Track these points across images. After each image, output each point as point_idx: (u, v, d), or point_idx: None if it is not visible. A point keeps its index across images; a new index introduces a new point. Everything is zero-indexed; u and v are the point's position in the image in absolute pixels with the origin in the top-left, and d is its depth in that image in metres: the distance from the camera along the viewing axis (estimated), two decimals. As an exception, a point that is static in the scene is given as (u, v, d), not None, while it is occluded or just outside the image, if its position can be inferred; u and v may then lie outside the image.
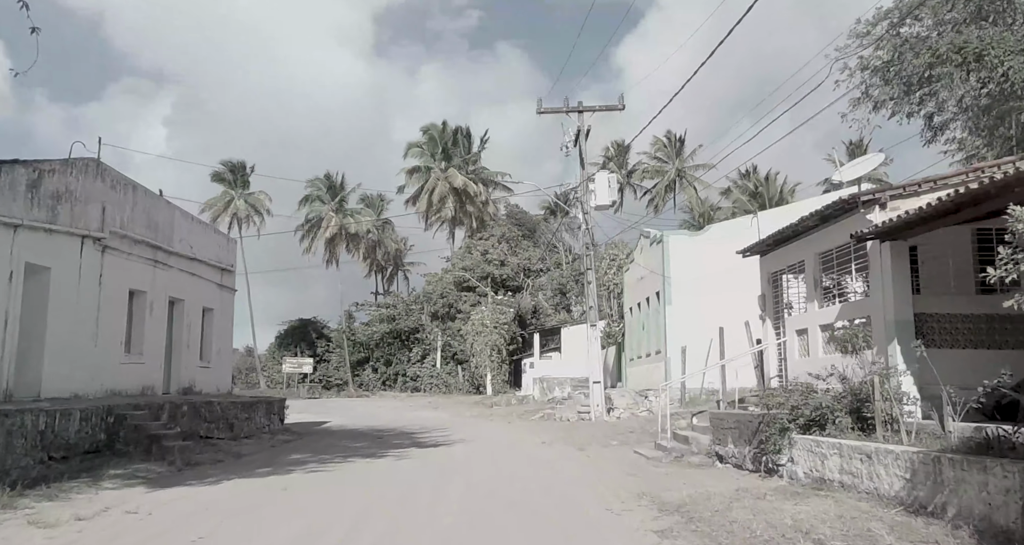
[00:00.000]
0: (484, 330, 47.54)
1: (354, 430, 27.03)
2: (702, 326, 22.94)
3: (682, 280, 23.39)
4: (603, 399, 24.89)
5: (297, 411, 39.55)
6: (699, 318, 23.06)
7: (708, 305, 23.07)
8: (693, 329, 23.01)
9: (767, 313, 15.79)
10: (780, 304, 15.62)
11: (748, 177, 60.13)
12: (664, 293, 23.57)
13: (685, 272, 23.27)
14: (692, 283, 23.28)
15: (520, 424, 26.77)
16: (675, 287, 23.37)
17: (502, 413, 33.56)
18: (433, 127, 59.28)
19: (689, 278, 23.27)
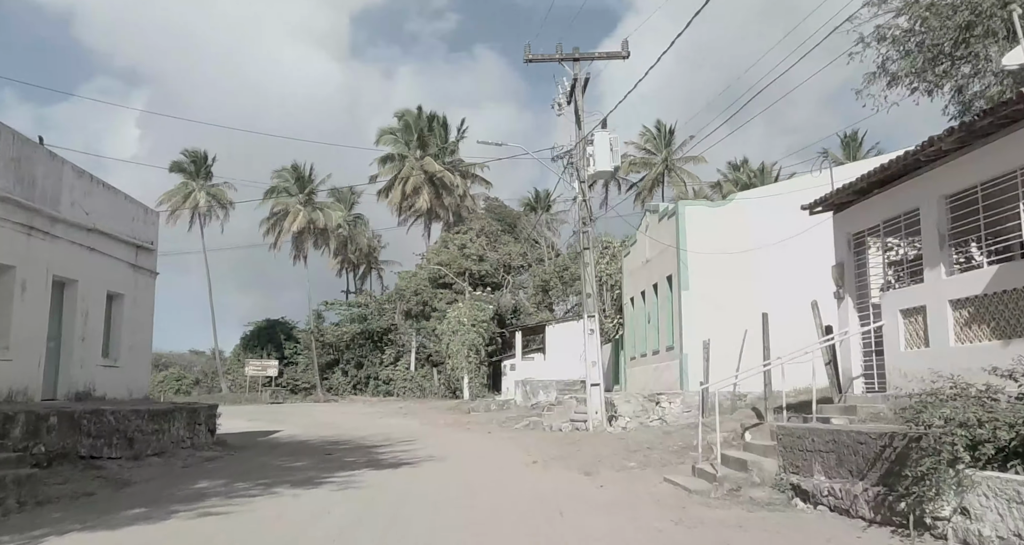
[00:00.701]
0: (461, 328, 42.69)
1: (303, 442, 22.23)
2: (728, 315, 18.37)
3: (701, 260, 18.80)
4: (603, 405, 20.20)
5: (248, 418, 34.62)
6: (723, 306, 18.50)
7: (735, 290, 18.54)
8: (716, 319, 18.42)
9: (846, 289, 11.20)
10: (867, 276, 11.01)
11: (740, 170, 55.95)
12: (679, 277, 18.96)
13: (705, 251, 18.67)
14: (714, 263, 18.71)
15: (502, 435, 22.03)
16: (693, 269, 18.77)
17: (481, 421, 28.77)
18: (408, 113, 54.34)
19: (710, 258, 18.69)
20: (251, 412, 39.12)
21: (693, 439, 14.90)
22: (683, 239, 18.79)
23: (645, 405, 18.94)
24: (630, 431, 18.22)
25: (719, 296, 18.59)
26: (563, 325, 38.80)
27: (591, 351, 20.63)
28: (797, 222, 17.70)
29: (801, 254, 18.17)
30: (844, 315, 11.36)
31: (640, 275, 23.19)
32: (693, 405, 18.50)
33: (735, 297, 18.50)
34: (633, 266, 24.14)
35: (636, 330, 23.87)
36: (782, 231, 17.92)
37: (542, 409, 29.51)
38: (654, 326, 21.69)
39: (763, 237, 18.03)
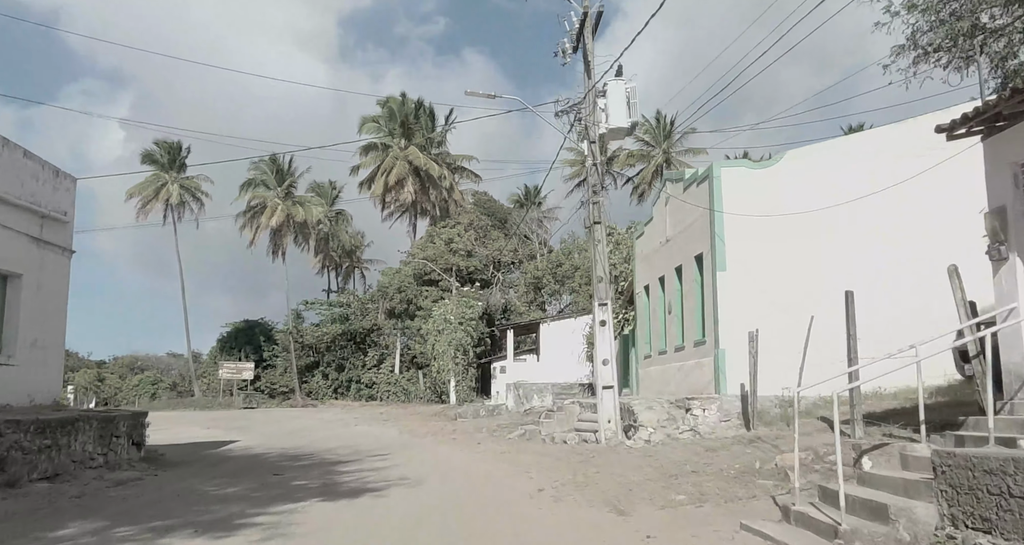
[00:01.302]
0: (448, 327, 38.66)
1: (256, 457, 18.25)
2: (775, 300, 14.52)
3: (742, 234, 14.93)
4: (618, 412, 16.29)
5: (207, 426, 30.53)
6: (769, 289, 14.64)
7: (784, 269, 14.71)
8: (760, 305, 14.57)
9: (1010, 246, 7.38)
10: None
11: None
12: (713, 255, 15.06)
13: (746, 222, 14.81)
14: (758, 237, 14.85)
15: (493, 447, 18.08)
16: (731, 245, 14.88)
17: (468, 429, 24.79)
18: (392, 99, 50.23)
19: (753, 230, 14.83)
20: (215, 419, 34.95)
21: (752, 460, 10.99)
22: (718, 209, 14.90)
23: (672, 412, 15.00)
24: (656, 446, 14.27)
25: (764, 277, 14.71)
26: (558, 323, 34.91)
27: (603, 346, 16.71)
28: (868, 181, 13.92)
29: (877, 218, 14.40)
30: (1007, 285, 7.50)
31: (657, 259, 19.28)
32: (732, 412, 14.60)
33: (785, 277, 14.64)
34: (648, 249, 20.22)
35: (652, 323, 19.96)
36: (846, 193, 14.09)
37: (538, 416, 25.54)
38: (676, 318, 17.78)
39: (820, 203, 14.18)
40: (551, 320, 35.54)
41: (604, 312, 16.72)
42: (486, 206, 53.79)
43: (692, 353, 16.55)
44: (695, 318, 16.42)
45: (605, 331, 16.71)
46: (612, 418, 16.46)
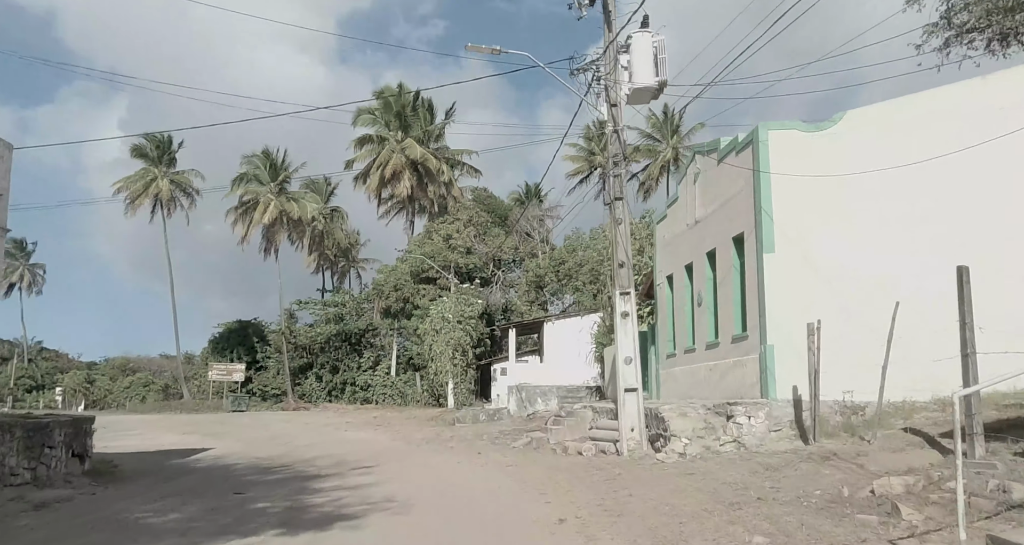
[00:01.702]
0: (446, 326, 36.06)
1: (225, 468, 15.79)
2: (834, 287, 12.00)
3: (794, 208, 12.43)
4: (642, 419, 13.78)
5: (183, 431, 27.93)
6: (826, 272, 12.11)
7: (846, 248, 12.18)
8: (816, 293, 12.07)
9: None
10: None
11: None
12: (758, 234, 12.54)
13: (800, 193, 12.32)
14: (814, 211, 12.36)
15: (497, 458, 15.56)
16: (781, 221, 12.37)
17: (467, 436, 22.26)
18: (388, 90, 47.65)
19: (808, 203, 12.34)
20: (197, 423, 32.40)
21: (835, 484, 8.46)
22: (764, 180, 12.39)
23: (709, 420, 12.47)
24: (694, 461, 11.73)
25: (821, 258, 12.20)
26: (563, 322, 32.39)
27: (625, 342, 14.19)
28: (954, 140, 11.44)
29: (975, 180, 11.92)
30: None
31: (683, 244, 16.75)
32: (783, 420, 12.07)
33: (847, 258, 12.14)
34: (671, 234, 17.68)
35: (677, 318, 17.41)
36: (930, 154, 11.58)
37: (544, 421, 23.03)
38: (708, 310, 15.25)
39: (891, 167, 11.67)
40: (555, 319, 33.01)
41: (627, 302, 14.20)
42: (486, 202, 51.24)
43: (729, 350, 14.03)
44: (733, 310, 13.91)
45: (628, 324, 14.19)
46: (636, 426, 13.95)
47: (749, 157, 12.94)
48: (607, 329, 27.09)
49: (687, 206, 16.26)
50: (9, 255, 72.59)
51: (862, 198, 12.15)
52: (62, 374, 72.24)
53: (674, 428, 12.55)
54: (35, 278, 74.98)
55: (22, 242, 72.51)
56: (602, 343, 27.38)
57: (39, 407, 67.16)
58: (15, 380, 71.29)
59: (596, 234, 42.14)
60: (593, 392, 29.12)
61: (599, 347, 27.53)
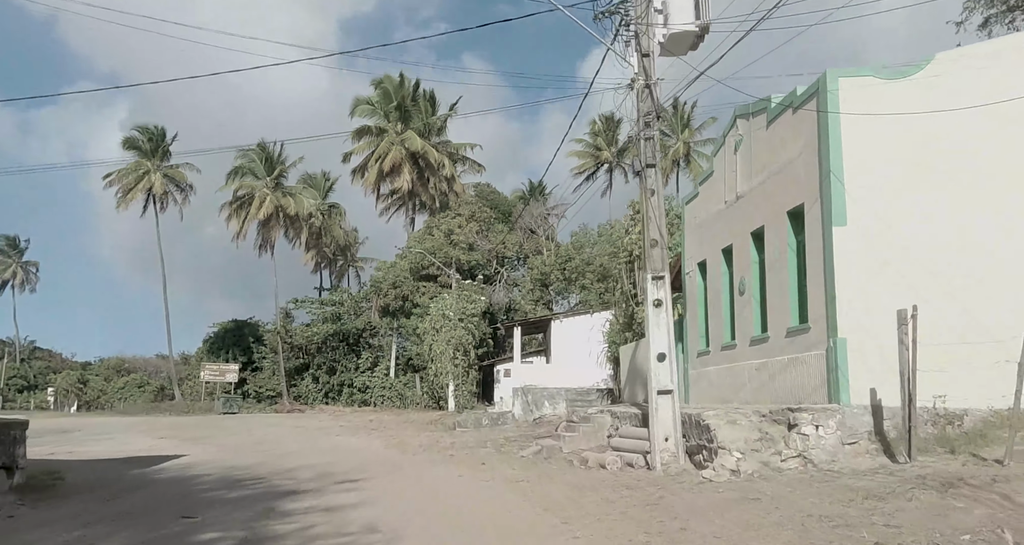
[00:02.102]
0: (447, 324, 33.67)
1: (185, 482, 13.43)
2: (928, 267, 9.64)
3: (870, 171, 10.07)
4: (679, 427, 11.43)
5: (161, 435, 25.52)
6: (918, 252, 9.75)
7: (942, 223, 9.82)
8: (902, 275, 9.72)
9: None
10: None
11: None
12: (826, 204, 10.19)
13: (878, 153, 9.97)
14: (897, 175, 10.01)
15: (504, 470, 13.19)
16: (855, 187, 10.02)
17: (469, 442, 19.90)
18: (388, 79, 45.28)
19: (888, 165, 9.99)
20: (181, 426, 30.02)
21: (982, 523, 6.06)
22: (833, 138, 10.05)
23: (766, 430, 10.10)
24: (752, 480, 9.36)
25: (904, 231, 9.87)
26: (572, 320, 30.02)
27: (658, 335, 11.82)
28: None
29: None
30: None
31: (721, 225, 14.37)
32: (860, 431, 9.71)
33: (937, 230, 9.79)
34: (704, 215, 15.27)
35: (712, 310, 15.01)
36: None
37: (555, 427, 20.69)
38: (752, 299, 12.88)
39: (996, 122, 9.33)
40: (563, 316, 30.61)
41: (660, 288, 11.84)
42: (489, 198, 48.87)
43: (782, 346, 11.65)
44: (788, 298, 11.55)
45: (661, 314, 11.82)
46: (672, 435, 11.58)
47: (812, 113, 10.59)
48: (621, 327, 24.73)
49: (725, 181, 13.91)
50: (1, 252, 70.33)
51: (956, 156, 9.81)
52: (55, 374, 69.93)
53: (722, 439, 10.17)
54: (28, 276, 72.68)
55: (15, 239, 70.33)
56: (615, 342, 25.03)
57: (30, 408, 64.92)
58: (6, 380, 69.00)
59: (604, 230, 39.84)
60: (604, 395, 26.75)
61: (612, 346, 25.17)
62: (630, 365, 20.49)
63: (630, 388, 20.50)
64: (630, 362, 20.53)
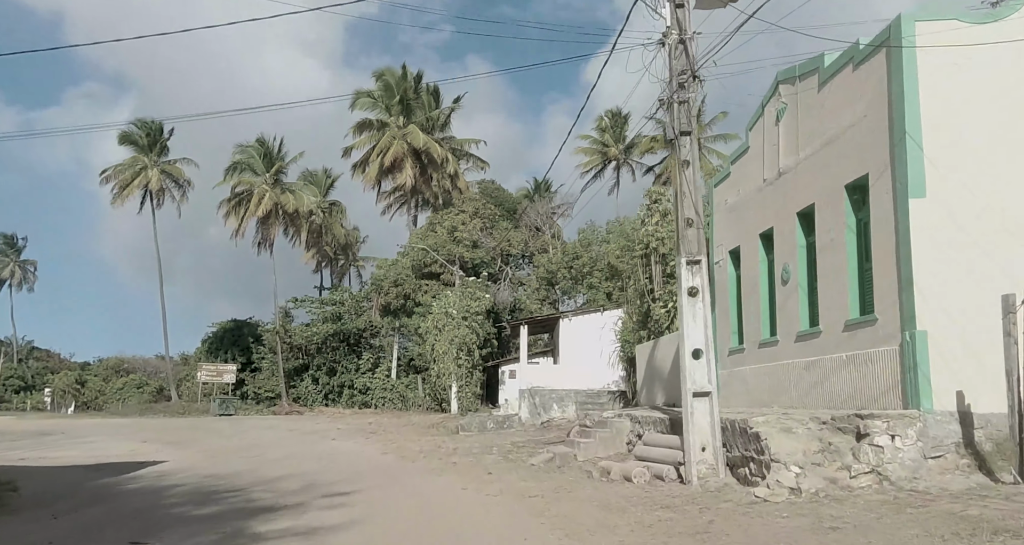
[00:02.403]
0: (450, 322, 31.99)
1: (153, 494, 11.84)
2: None
3: (955, 132, 8.38)
4: (718, 435, 9.77)
5: (145, 438, 23.85)
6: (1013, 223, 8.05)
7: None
8: (1000, 252, 8.01)
9: None
10: None
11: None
12: (900, 172, 8.53)
13: (962, 113, 8.29)
14: (988, 136, 8.34)
15: (514, 483, 11.52)
16: (936, 151, 8.34)
17: (474, 448, 18.21)
18: (389, 72, 43.62)
19: (977, 125, 8.30)
20: (168, 428, 28.36)
21: None
22: (909, 93, 8.41)
23: (828, 439, 8.44)
24: (818, 501, 7.68)
25: (999, 202, 8.19)
26: (582, 319, 28.33)
27: (693, 327, 10.15)
28: None
29: None
30: None
31: (758, 206, 12.68)
32: (945, 442, 8.04)
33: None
34: (737, 197, 13.56)
35: (747, 302, 13.28)
36: None
37: (566, 433, 19.03)
38: (799, 288, 11.19)
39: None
40: (572, 315, 28.92)
41: (696, 274, 10.16)
42: (494, 195, 47.19)
43: (838, 342, 9.97)
44: (844, 286, 9.88)
45: (697, 304, 10.14)
46: (709, 444, 9.91)
47: (880, 66, 8.95)
48: (635, 325, 23.05)
49: (764, 156, 12.25)
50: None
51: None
52: (53, 374, 68.41)
53: (776, 450, 8.49)
54: (26, 275, 71.14)
55: (12, 237, 68.84)
56: (629, 341, 23.36)
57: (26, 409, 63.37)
58: (3, 380, 67.48)
59: (613, 227, 38.18)
60: (616, 398, 25.06)
61: (626, 346, 23.49)
62: (647, 365, 18.82)
63: (648, 390, 18.82)
64: (647, 362, 18.87)
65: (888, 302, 8.78)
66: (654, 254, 20.69)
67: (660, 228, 20.58)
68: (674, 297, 19.98)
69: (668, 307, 19.86)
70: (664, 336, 18.41)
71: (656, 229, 20.50)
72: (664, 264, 20.67)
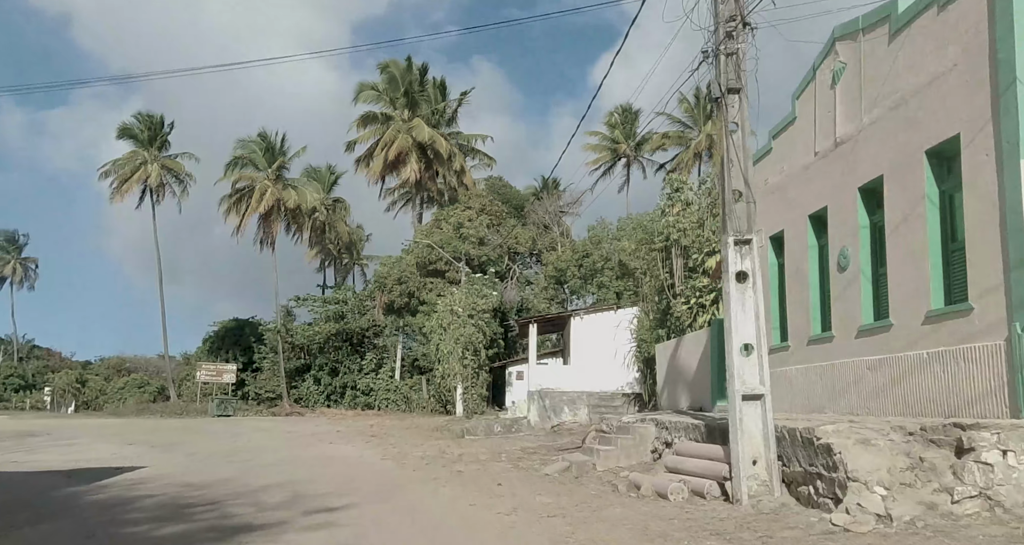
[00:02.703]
0: (455, 321, 30.41)
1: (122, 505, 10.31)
2: None
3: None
4: (772, 446, 8.13)
5: (130, 440, 22.35)
6: None
7: None
8: None
9: None
10: None
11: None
12: (1011, 128, 6.95)
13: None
14: None
15: (529, 498, 9.95)
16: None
17: (481, 454, 16.67)
18: (394, 64, 42.09)
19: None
20: (159, 430, 26.83)
21: None
22: (1020, 33, 6.85)
23: (919, 454, 6.83)
24: (915, 531, 6.08)
25: None
26: (594, 317, 26.75)
27: (743, 321, 8.57)
28: None
29: None
30: None
31: (808, 183, 11.08)
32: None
33: None
34: (782, 175, 11.90)
35: (793, 293, 11.59)
36: None
37: (579, 437, 17.48)
38: (862, 275, 9.59)
39: None
40: (584, 313, 27.32)
41: (746, 256, 8.58)
42: (501, 192, 45.65)
43: (915, 337, 8.37)
44: (923, 270, 8.30)
45: (747, 291, 8.56)
46: (762, 456, 8.34)
47: (977, 5, 7.36)
48: (652, 323, 21.45)
49: (816, 125, 10.65)
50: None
51: None
52: (53, 373, 67.02)
53: (854, 467, 6.89)
54: (27, 272, 69.81)
55: (14, 234, 67.50)
56: (645, 340, 21.76)
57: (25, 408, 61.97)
58: (3, 379, 66.12)
59: (624, 223, 36.59)
60: (631, 400, 23.46)
61: (643, 345, 21.89)
62: (669, 366, 17.22)
63: (669, 393, 17.23)
64: (669, 362, 17.27)
65: (987, 287, 7.19)
66: (675, 247, 19.11)
67: (682, 218, 19.00)
68: (697, 293, 18.39)
69: (691, 303, 18.27)
70: (688, 334, 16.80)
71: (678, 219, 18.92)
72: (686, 257, 19.08)
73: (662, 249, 19.87)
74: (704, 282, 18.16)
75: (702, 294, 18.01)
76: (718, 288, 17.97)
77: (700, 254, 18.43)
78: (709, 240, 18.51)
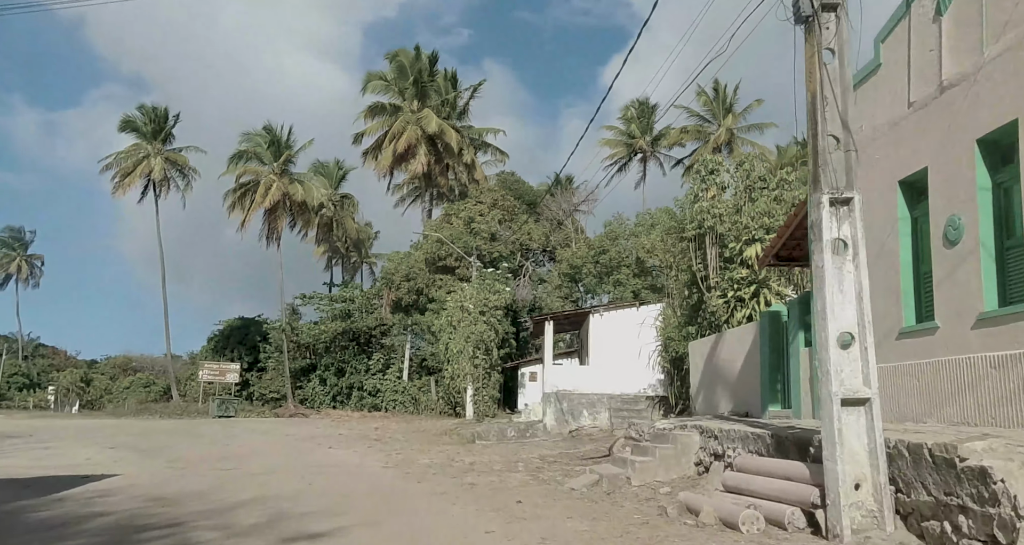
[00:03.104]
0: (466, 318, 28.45)
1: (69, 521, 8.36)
2: None
3: None
4: (881, 468, 6.09)
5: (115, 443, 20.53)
6: None
7: None
8: None
9: None
10: None
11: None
12: None
13: None
14: None
15: (557, 524, 8.00)
16: None
17: (494, 463, 14.74)
18: (403, 53, 40.19)
19: None
20: (150, 432, 24.99)
21: None
22: None
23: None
24: None
25: None
26: (614, 314, 24.76)
27: (839, 304, 6.59)
28: None
29: None
30: None
31: (898, 141, 9.05)
32: None
33: None
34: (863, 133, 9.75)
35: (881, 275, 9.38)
36: None
37: (606, 445, 15.49)
38: (982, 249, 7.59)
39: None
40: (604, 310, 25.31)
41: (844, 219, 6.63)
42: (513, 187, 43.71)
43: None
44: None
45: (845, 265, 6.60)
46: (867, 478, 6.37)
47: None
48: (681, 320, 19.45)
49: (912, 70, 8.63)
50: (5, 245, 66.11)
51: None
52: (58, 372, 65.51)
53: (1018, 490, 4.88)
54: (33, 270, 68.33)
55: (20, 230, 66.03)
56: (672, 338, 19.75)
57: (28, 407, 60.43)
58: (7, 378, 64.67)
59: (643, 219, 34.62)
60: (656, 403, 21.47)
61: (670, 344, 19.88)
62: (706, 366, 15.22)
63: (706, 396, 15.22)
64: (706, 362, 15.28)
65: None
66: (709, 235, 17.11)
67: (717, 204, 17.00)
68: (735, 285, 16.38)
69: (727, 297, 16.27)
70: (730, 330, 14.80)
71: (712, 205, 16.93)
72: (722, 246, 17.07)
73: (694, 238, 17.88)
74: (743, 273, 16.16)
75: (740, 286, 16.01)
76: (759, 279, 15.98)
77: (738, 243, 16.44)
78: (748, 227, 16.51)
